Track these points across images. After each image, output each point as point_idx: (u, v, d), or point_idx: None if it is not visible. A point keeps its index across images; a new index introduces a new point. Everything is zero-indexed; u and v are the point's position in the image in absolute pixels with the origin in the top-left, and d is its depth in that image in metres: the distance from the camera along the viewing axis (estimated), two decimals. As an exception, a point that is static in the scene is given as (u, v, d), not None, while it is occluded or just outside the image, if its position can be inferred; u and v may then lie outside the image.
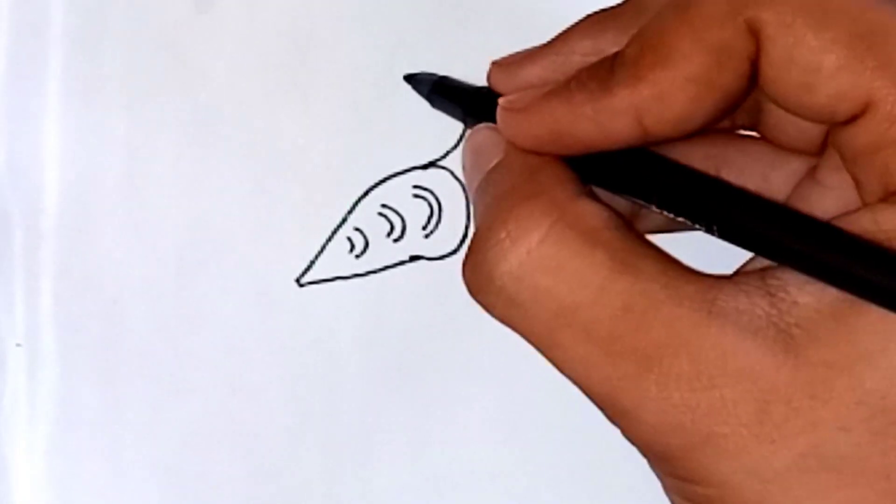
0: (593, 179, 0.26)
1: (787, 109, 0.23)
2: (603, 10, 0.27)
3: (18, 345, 0.40)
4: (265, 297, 0.40)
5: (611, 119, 0.24)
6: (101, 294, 0.40)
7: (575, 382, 0.24)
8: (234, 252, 0.40)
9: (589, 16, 0.27)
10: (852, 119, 0.22)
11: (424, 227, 0.40)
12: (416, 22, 0.40)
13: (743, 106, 0.26)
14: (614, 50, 0.25)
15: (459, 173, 0.40)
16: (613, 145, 0.24)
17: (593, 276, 0.23)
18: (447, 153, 0.40)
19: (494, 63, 0.29)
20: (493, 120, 0.27)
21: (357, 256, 0.40)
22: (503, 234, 0.24)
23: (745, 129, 0.28)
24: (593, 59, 0.25)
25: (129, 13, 0.40)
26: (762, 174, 0.27)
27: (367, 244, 0.40)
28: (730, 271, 0.24)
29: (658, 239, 0.25)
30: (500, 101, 0.26)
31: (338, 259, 0.40)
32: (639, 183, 0.25)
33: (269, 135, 0.40)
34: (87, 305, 0.40)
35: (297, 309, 0.40)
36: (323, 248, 0.40)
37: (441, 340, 0.40)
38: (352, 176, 0.40)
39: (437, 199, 0.40)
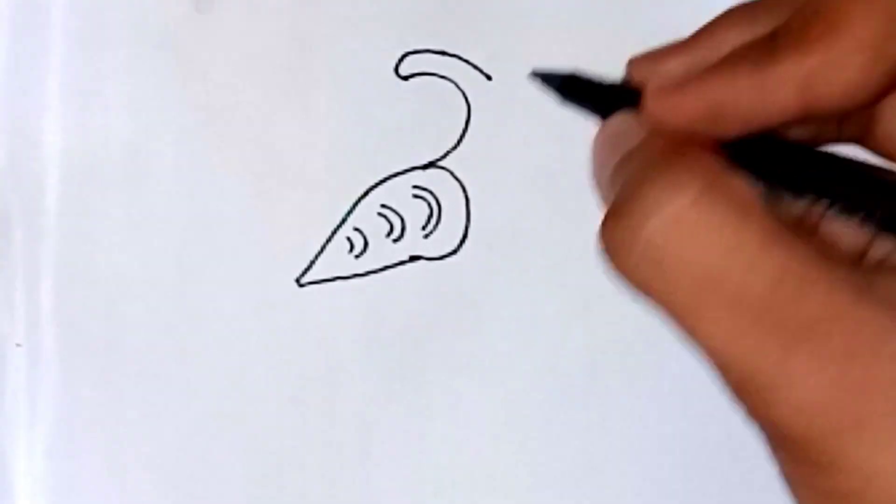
0: (745, 166, 0.25)
1: None
2: (749, 2, 0.26)
3: (18, 345, 0.40)
4: (265, 297, 0.40)
5: (775, 89, 0.23)
6: (101, 294, 0.40)
7: (712, 354, 0.23)
8: (234, 252, 0.40)
9: (735, 7, 0.26)
10: None
11: (424, 227, 0.40)
12: (416, 22, 0.40)
13: (853, 117, 0.25)
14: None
15: (459, 173, 0.40)
16: (775, 119, 0.23)
17: (747, 244, 0.22)
18: (447, 153, 0.40)
19: (633, 58, 0.28)
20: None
21: (357, 256, 0.40)
22: (652, 195, 0.23)
23: (852, 141, 0.27)
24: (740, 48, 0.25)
25: (129, 13, 0.40)
26: None
27: (366, 244, 0.40)
28: None
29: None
30: (651, 77, 0.25)
31: (338, 259, 0.40)
32: (794, 171, 0.24)
33: (269, 135, 0.40)
34: (87, 305, 0.40)
35: (297, 309, 0.40)
36: (323, 248, 0.40)
37: (441, 340, 0.40)
38: (352, 176, 0.40)
39: (436, 200, 0.40)
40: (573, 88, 0.30)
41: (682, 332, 0.23)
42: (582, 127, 0.41)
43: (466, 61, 0.40)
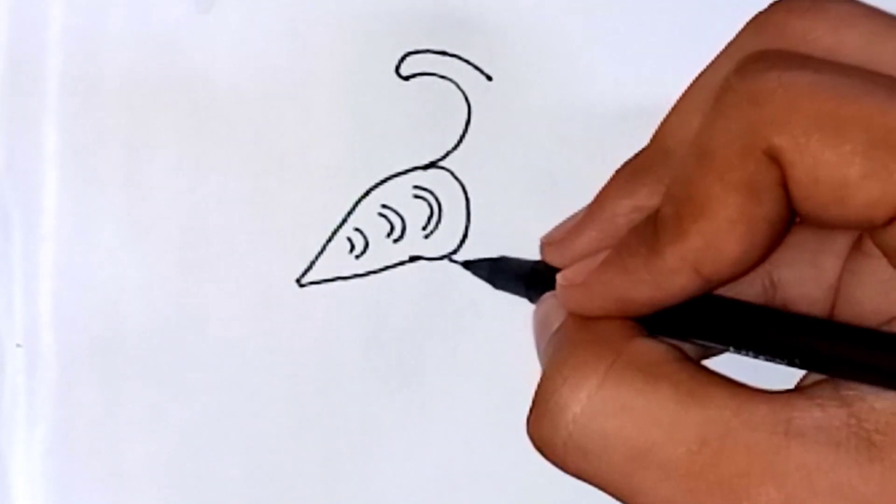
0: (663, 332, 0.26)
1: (822, 224, 0.23)
2: (630, 162, 0.27)
3: (18, 345, 0.40)
4: (265, 297, 0.40)
5: (668, 277, 0.24)
6: (101, 294, 0.40)
7: None
8: (234, 252, 0.40)
9: (619, 171, 0.27)
10: (891, 221, 0.22)
11: (424, 228, 0.40)
12: (417, 22, 0.40)
13: None
14: (652, 202, 0.25)
15: (460, 173, 0.40)
16: (677, 300, 0.24)
17: (662, 412, 0.22)
18: (447, 153, 0.40)
19: (545, 241, 0.30)
20: (553, 290, 0.28)
21: (357, 257, 0.40)
22: (560, 383, 0.24)
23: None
24: (636, 216, 0.26)
25: (129, 13, 0.40)
26: (811, 261, 0.27)
27: (367, 244, 0.40)
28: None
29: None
30: (558, 277, 0.27)
31: (338, 259, 0.40)
32: (708, 329, 0.25)
33: (269, 135, 0.40)
34: (87, 305, 0.40)
35: (297, 309, 0.40)
36: (323, 248, 0.40)
37: (441, 340, 0.40)
38: (352, 176, 0.40)
39: (437, 200, 0.40)
40: (502, 273, 0.34)
41: None
42: (582, 128, 0.42)
43: (467, 61, 0.40)
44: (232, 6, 0.40)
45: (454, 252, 0.40)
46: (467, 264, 0.35)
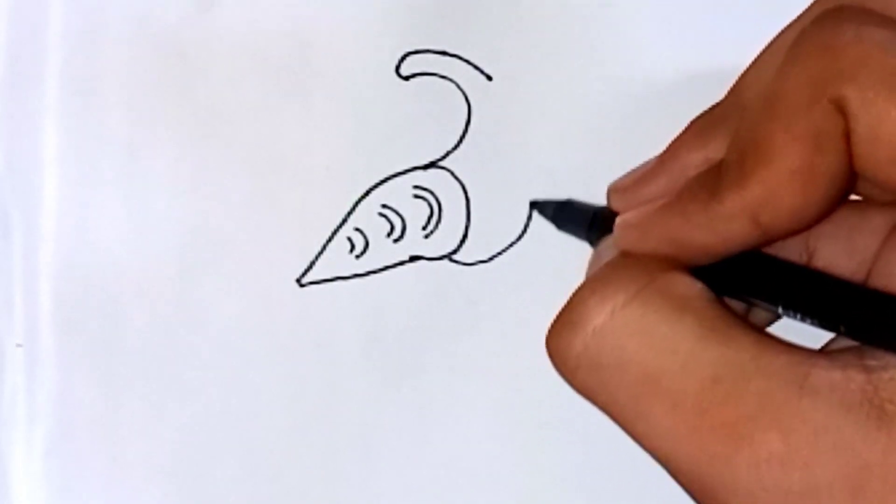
0: (716, 287, 0.25)
1: (877, 184, 0.23)
2: (705, 114, 0.27)
3: (18, 345, 0.40)
4: (265, 297, 0.40)
5: (726, 225, 0.24)
6: (101, 294, 0.40)
7: (656, 456, 0.23)
8: (234, 252, 0.40)
9: (693, 122, 0.27)
10: None
11: (424, 228, 0.40)
12: (417, 22, 0.40)
13: None
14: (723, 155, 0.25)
15: (460, 173, 0.40)
16: (734, 247, 0.24)
17: (681, 343, 0.22)
18: (447, 153, 0.40)
19: (612, 188, 0.29)
20: None
21: (357, 256, 0.40)
22: (588, 295, 0.23)
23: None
24: (706, 168, 0.26)
25: (129, 13, 0.40)
26: (847, 237, 0.27)
27: (367, 244, 0.40)
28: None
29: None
30: (617, 220, 0.27)
31: (338, 259, 0.40)
32: (760, 287, 0.25)
33: (269, 135, 0.40)
34: (87, 305, 0.40)
35: (297, 309, 0.40)
36: (323, 248, 0.40)
37: (441, 340, 0.40)
38: (352, 176, 0.40)
39: (437, 200, 0.40)
40: (565, 215, 0.33)
41: (627, 434, 0.23)
42: (582, 127, 0.42)
43: (467, 61, 0.40)
44: (232, 6, 0.40)
45: (454, 252, 0.40)
46: (534, 204, 0.36)
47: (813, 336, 0.25)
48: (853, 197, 0.27)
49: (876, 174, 0.22)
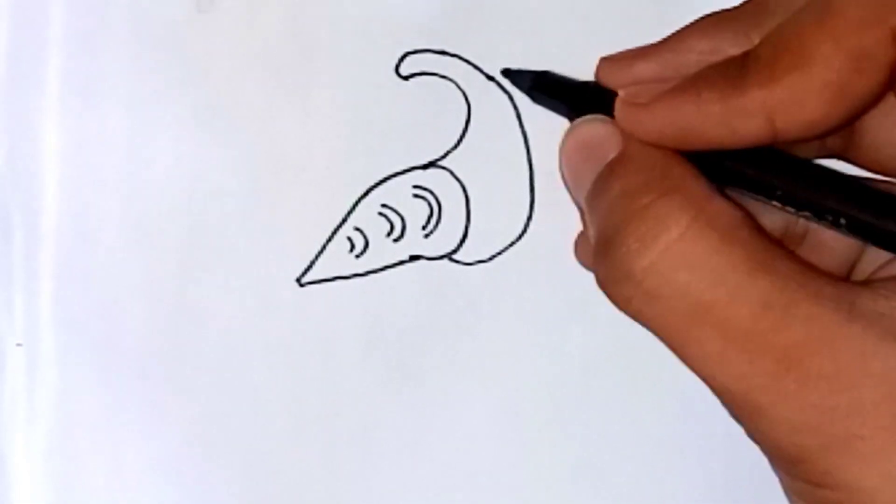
0: (714, 176, 0.25)
1: None
2: (721, 11, 0.26)
3: (18, 345, 0.40)
4: (265, 297, 0.40)
5: (741, 119, 0.23)
6: (101, 294, 0.40)
7: (706, 379, 0.24)
8: (234, 252, 0.40)
9: (706, 16, 0.27)
10: None
11: (424, 227, 0.40)
12: (417, 22, 0.40)
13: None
14: (733, 51, 0.25)
15: (459, 173, 0.40)
16: (740, 144, 0.24)
17: (732, 273, 0.23)
18: (447, 153, 0.40)
19: (604, 58, 0.28)
20: (604, 112, 0.26)
21: (357, 256, 0.40)
22: (643, 229, 0.24)
23: (835, 154, 0.27)
24: (710, 58, 0.25)
25: (129, 13, 0.40)
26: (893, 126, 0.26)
27: (367, 244, 0.40)
28: None
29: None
30: (621, 93, 0.26)
31: (338, 259, 0.40)
32: (760, 178, 0.25)
33: (269, 135, 0.40)
34: (87, 305, 0.40)
35: (297, 309, 0.40)
36: (323, 248, 0.40)
37: (441, 340, 0.40)
38: (352, 176, 0.40)
39: (436, 199, 0.40)
40: (543, 87, 0.30)
41: (677, 356, 0.24)
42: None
43: (467, 61, 0.40)
44: (232, 6, 0.40)
45: (454, 252, 0.40)
46: (508, 73, 0.33)
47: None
48: None
49: None
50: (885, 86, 0.23)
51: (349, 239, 0.40)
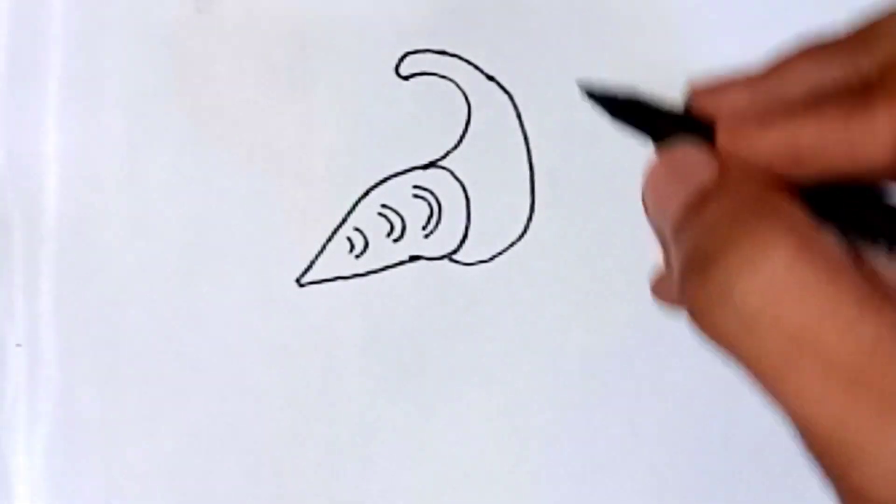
0: (821, 213, 0.24)
1: None
2: (825, 37, 0.25)
3: (18, 345, 0.40)
4: (265, 297, 0.40)
5: (866, 140, 0.22)
6: (101, 294, 0.40)
7: (797, 416, 0.22)
8: (234, 252, 0.40)
9: (808, 42, 0.25)
10: None
11: (424, 227, 0.40)
12: (417, 22, 0.40)
13: None
14: (842, 79, 0.23)
15: (460, 173, 0.40)
16: (858, 171, 0.23)
17: (842, 308, 0.22)
18: (447, 153, 0.40)
19: (697, 85, 0.26)
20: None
21: (357, 256, 0.40)
22: (746, 252, 0.22)
23: None
24: (819, 83, 0.24)
25: (129, 13, 0.40)
26: None
27: (367, 244, 0.40)
28: None
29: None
30: (726, 108, 0.24)
31: (338, 259, 0.40)
32: (872, 220, 0.24)
33: (269, 135, 0.40)
34: (87, 305, 0.40)
35: (297, 309, 0.40)
36: (323, 248, 0.40)
37: (441, 340, 0.40)
38: (352, 176, 0.40)
39: (437, 200, 0.40)
40: (630, 110, 0.29)
41: (767, 392, 0.22)
42: (582, 128, 0.42)
43: (467, 61, 0.40)
44: (232, 6, 0.40)
45: (454, 252, 0.40)
46: (590, 92, 0.30)
47: None
48: None
49: None
50: None
51: (349, 239, 0.40)
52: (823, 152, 0.23)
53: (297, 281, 0.40)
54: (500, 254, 0.40)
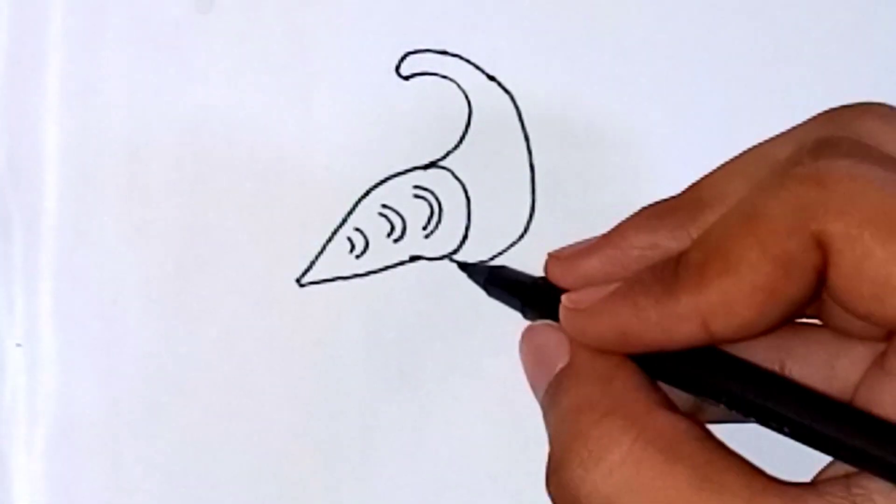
0: (660, 375, 0.26)
1: (857, 316, 0.23)
2: (659, 203, 0.27)
3: (18, 345, 0.40)
4: (265, 297, 0.40)
5: (675, 323, 0.24)
6: (101, 294, 0.40)
7: None
8: (234, 252, 0.40)
9: (645, 208, 0.27)
10: None
11: (424, 227, 0.40)
12: (417, 22, 0.40)
13: None
14: (672, 244, 0.25)
15: (460, 173, 0.40)
16: (678, 346, 0.24)
17: (676, 496, 0.23)
18: (447, 153, 0.40)
19: (552, 255, 0.29)
20: (552, 310, 0.27)
21: (357, 256, 0.40)
22: (585, 454, 0.24)
23: (807, 317, 0.27)
24: (651, 253, 0.26)
25: (129, 13, 0.40)
26: (827, 362, 0.27)
27: (367, 244, 0.40)
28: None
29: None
30: (563, 299, 0.27)
31: (338, 259, 0.40)
32: (707, 382, 0.25)
33: (269, 135, 0.40)
34: (87, 305, 0.40)
35: (297, 309, 0.40)
36: (323, 248, 0.40)
37: (441, 340, 0.40)
38: (352, 176, 0.40)
39: (437, 200, 0.40)
40: (497, 281, 0.32)
41: None
42: (582, 127, 0.42)
43: (467, 61, 0.40)
44: (232, 6, 0.40)
45: (454, 252, 0.40)
46: (464, 266, 0.35)
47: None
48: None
49: (857, 308, 0.23)
50: (814, 288, 0.23)
51: (349, 239, 0.40)
52: (642, 335, 0.25)
53: (297, 281, 0.40)
54: (500, 254, 0.40)
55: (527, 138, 0.40)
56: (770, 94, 0.40)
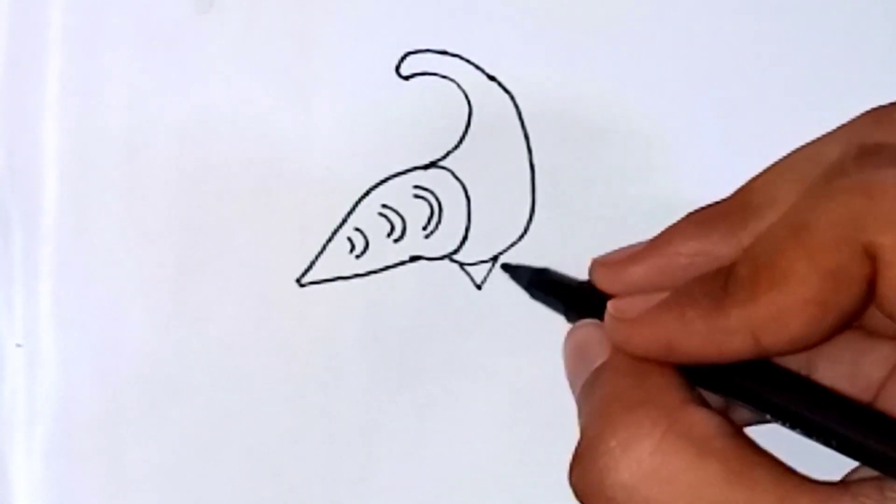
0: (703, 383, 0.26)
1: None
2: (706, 208, 0.27)
3: (18, 345, 0.40)
4: (265, 297, 0.40)
5: (725, 337, 0.24)
6: (101, 294, 0.40)
7: None
8: (234, 252, 0.40)
9: (692, 213, 0.27)
10: None
11: (425, 228, 0.40)
12: (417, 22, 0.40)
13: None
14: (722, 251, 0.25)
15: (460, 173, 0.40)
16: (727, 360, 0.24)
17: (707, 490, 0.23)
18: (448, 153, 0.40)
19: (598, 262, 0.29)
20: (597, 315, 0.27)
21: (357, 257, 0.40)
22: (613, 443, 0.24)
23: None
24: (700, 260, 0.26)
25: (128, 13, 0.40)
26: (853, 360, 0.27)
27: (367, 244, 0.40)
28: None
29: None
30: (609, 307, 0.27)
31: (338, 259, 0.40)
32: (751, 393, 0.25)
33: (269, 135, 0.40)
34: (87, 305, 0.40)
35: (297, 309, 0.40)
36: (323, 248, 0.40)
37: (441, 340, 0.40)
38: (352, 176, 0.40)
39: (437, 200, 0.40)
40: (541, 284, 0.32)
41: None
42: (583, 128, 0.42)
43: (468, 61, 0.40)
44: (232, 6, 0.40)
45: (454, 252, 0.40)
46: (507, 268, 0.35)
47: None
48: None
49: None
50: (864, 299, 0.23)
51: (349, 239, 0.40)
52: (689, 348, 0.24)
53: (298, 281, 0.40)
54: (500, 254, 0.40)
55: (527, 138, 0.40)
56: (771, 95, 0.40)
